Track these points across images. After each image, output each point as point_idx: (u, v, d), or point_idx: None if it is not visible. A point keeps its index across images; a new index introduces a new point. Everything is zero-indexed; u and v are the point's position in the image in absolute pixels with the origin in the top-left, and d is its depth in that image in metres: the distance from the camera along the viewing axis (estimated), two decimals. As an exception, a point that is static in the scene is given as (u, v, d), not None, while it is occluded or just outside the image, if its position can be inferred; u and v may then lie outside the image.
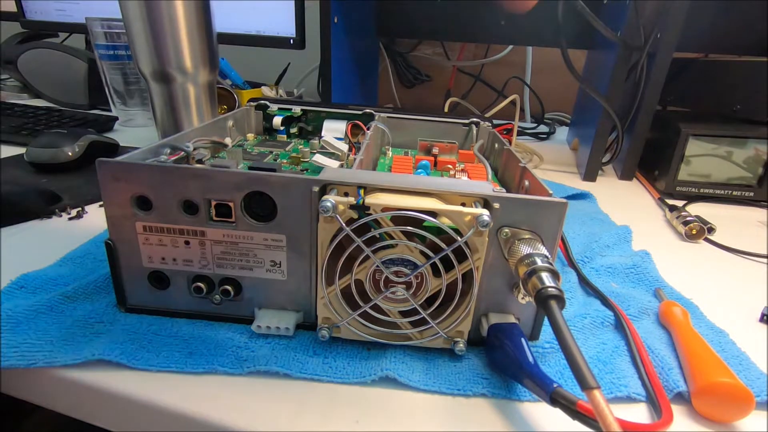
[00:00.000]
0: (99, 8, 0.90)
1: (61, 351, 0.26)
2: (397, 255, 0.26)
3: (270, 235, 0.27)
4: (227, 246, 0.27)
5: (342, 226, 0.24)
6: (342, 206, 0.24)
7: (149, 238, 0.27)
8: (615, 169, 0.72)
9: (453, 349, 0.28)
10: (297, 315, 0.29)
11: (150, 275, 0.29)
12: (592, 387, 0.19)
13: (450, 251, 0.25)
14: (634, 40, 0.60)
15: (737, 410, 0.24)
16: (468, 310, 0.27)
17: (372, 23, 0.88)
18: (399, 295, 0.26)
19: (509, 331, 0.27)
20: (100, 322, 0.29)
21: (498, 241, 0.26)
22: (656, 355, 0.29)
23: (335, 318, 0.27)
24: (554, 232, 0.26)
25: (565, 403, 0.21)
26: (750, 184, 0.59)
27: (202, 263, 0.28)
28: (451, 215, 0.25)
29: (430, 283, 0.26)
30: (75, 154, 0.54)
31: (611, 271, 0.39)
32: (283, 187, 0.26)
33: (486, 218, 0.24)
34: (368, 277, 0.26)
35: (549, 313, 0.22)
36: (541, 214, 0.26)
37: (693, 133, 0.58)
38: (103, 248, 0.38)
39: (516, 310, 0.28)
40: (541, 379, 0.22)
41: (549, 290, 0.22)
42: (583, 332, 0.31)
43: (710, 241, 0.48)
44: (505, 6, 0.80)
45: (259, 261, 0.28)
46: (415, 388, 0.26)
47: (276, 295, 0.29)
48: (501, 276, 0.27)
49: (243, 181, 0.26)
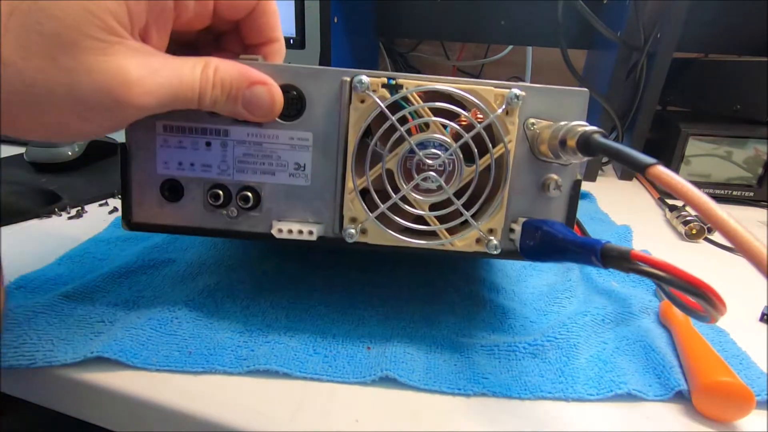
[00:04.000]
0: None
1: (61, 350, 0.26)
2: (428, 137, 0.25)
3: (296, 133, 0.26)
4: (250, 147, 0.26)
5: (377, 102, 0.25)
6: (375, 85, 0.25)
7: (168, 139, 0.26)
8: (615, 169, 0.72)
9: (486, 248, 0.27)
10: (319, 227, 0.27)
11: (163, 184, 0.27)
12: (652, 163, 0.18)
13: (482, 128, 0.25)
14: (634, 40, 0.60)
15: (737, 409, 0.24)
16: (501, 201, 0.26)
17: (372, 23, 0.88)
18: (431, 182, 0.26)
19: (544, 220, 0.26)
20: (100, 322, 0.29)
21: (525, 134, 0.26)
22: (657, 353, 0.28)
23: (362, 216, 0.26)
24: (578, 120, 0.26)
25: (618, 256, 0.20)
26: (750, 184, 0.59)
27: (221, 168, 0.27)
28: (481, 92, 0.25)
29: (463, 171, 0.26)
30: (75, 154, 0.54)
31: (612, 271, 0.39)
32: (313, 78, 0.25)
33: (516, 92, 0.25)
34: (399, 166, 0.26)
35: (596, 145, 0.21)
36: (565, 103, 0.26)
37: (693, 133, 0.58)
38: (103, 247, 0.38)
39: (546, 214, 0.28)
40: (587, 242, 0.22)
41: (588, 130, 0.22)
42: (584, 330, 0.30)
43: (710, 240, 0.48)
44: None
45: (282, 164, 0.27)
46: (416, 388, 0.26)
47: (297, 203, 0.27)
48: (529, 174, 0.27)
49: (272, 73, 0.25)
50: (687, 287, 0.19)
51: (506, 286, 0.36)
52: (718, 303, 0.19)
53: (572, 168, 0.27)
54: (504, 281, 0.37)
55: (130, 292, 0.32)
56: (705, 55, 0.77)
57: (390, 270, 0.37)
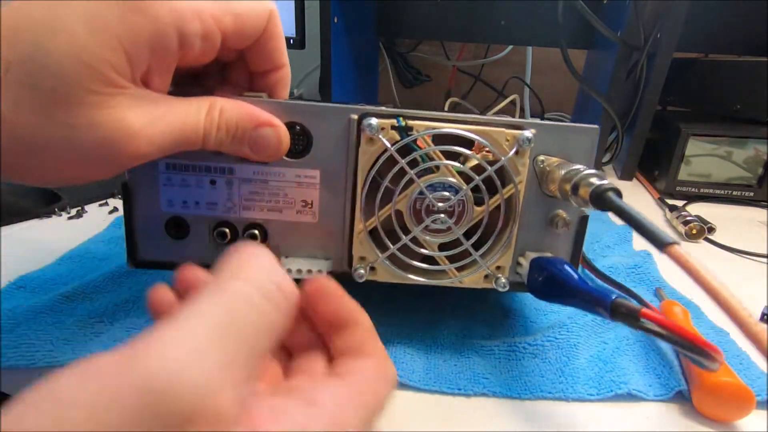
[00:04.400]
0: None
1: (61, 350, 0.26)
2: (438, 179, 0.25)
3: (303, 171, 0.26)
4: (256, 185, 0.26)
5: (386, 146, 0.24)
6: (384, 127, 0.25)
7: (172, 178, 0.26)
8: (615, 169, 0.72)
9: (495, 285, 0.27)
10: (327, 263, 0.27)
11: (168, 222, 0.27)
12: (671, 242, 0.18)
13: (492, 171, 0.25)
14: (634, 40, 0.60)
15: (738, 409, 0.24)
16: (509, 240, 0.26)
17: (372, 23, 0.88)
18: (441, 223, 0.26)
19: (552, 260, 0.26)
20: (100, 322, 0.29)
21: (534, 171, 0.26)
22: (657, 353, 0.28)
23: (372, 256, 0.26)
24: (588, 158, 0.26)
25: (627, 313, 0.20)
26: (750, 184, 0.59)
27: (227, 206, 0.26)
28: (493, 134, 0.25)
29: (472, 211, 0.26)
30: (75, 154, 0.54)
31: (612, 271, 0.39)
32: (319, 116, 0.25)
33: (527, 134, 0.25)
34: (409, 207, 0.26)
35: (610, 203, 0.21)
36: (574, 140, 0.26)
37: (693, 133, 0.58)
38: (103, 247, 0.38)
39: (552, 248, 0.28)
40: (597, 294, 0.22)
41: (603, 186, 0.22)
42: (584, 330, 0.30)
43: (710, 240, 0.48)
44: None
45: (289, 201, 0.26)
46: (416, 388, 0.26)
47: (305, 240, 0.27)
48: (537, 209, 0.27)
49: (277, 110, 0.24)
50: (694, 349, 0.20)
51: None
52: (720, 361, 0.20)
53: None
54: (504, 281, 0.37)
55: (130, 293, 0.32)
56: (705, 55, 0.77)
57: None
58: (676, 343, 0.20)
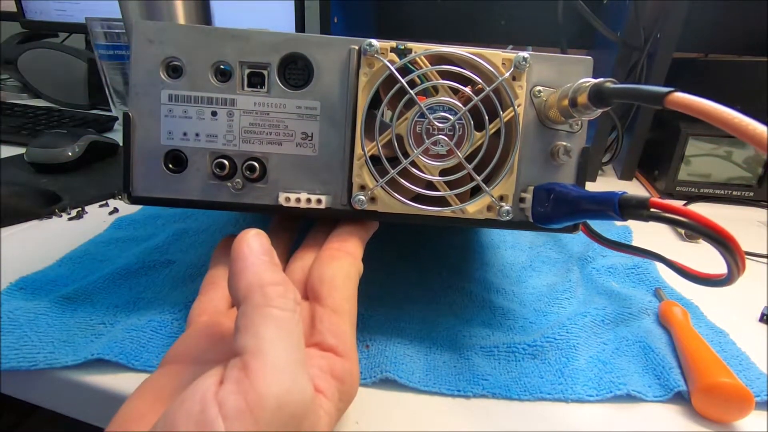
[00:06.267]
0: (99, 8, 0.89)
1: (62, 352, 0.26)
2: (438, 101, 0.25)
3: (304, 102, 0.26)
4: (257, 116, 0.26)
5: (386, 65, 0.25)
6: (384, 49, 0.25)
7: (173, 109, 0.26)
8: (615, 169, 0.72)
9: (498, 214, 0.26)
10: (327, 197, 0.27)
11: (167, 155, 0.26)
12: (669, 91, 0.18)
13: (490, 91, 0.25)
14: (634, 40, 0.60)
15: (737, 410, 0.24)
16: (511, 166, 0.26)
17: (372, 23, 0.88)
18: (441, 146, 0.26)
19: (555, 183, 0.26)
20: (100, 324, 0.29)
21: (533, 102, 0.26)
22: (656, 354, 0.29)
23: (372, 183, 0.26)
24: None
25: (637, 205, 0.19)
26: (750, 184, 0.59)
27: (227, 138, 0.26)
28: (489, 56, 0.25)
29: (472, 136, 0.26)
30: (75, 155, 0.54)
31: (612, 271, 0.39)
32: (321, 46, 0.26)
33: (524, 54, 0.25)
34: (409, 131, 0.26)
35: (609, 91, 0.21)
36: (569, 70, 0.26)
37: (693, 133, 0.58)
38: (103, 249, 0.38)
39: (555, 181, 0.27)
40: (603, 196, 0.21)
41: (598, 81, 0.22)
42: (584, 330, 0.30)
43: (710, 241, 0.48)
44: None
45: (289, 133, 0.26)
46: (416, 389, 0.26)
47: (304, 174, 0.27)
48: (537, 143, 0.27)
49: (281, 41, 0.25)
50: (708, 233, 0.18)
51: (506, 287, 0.36)
52: (738, 253, 0.18)
53: (580, 135, 0.27)
54: (503, 282, 0.37)
55: (131, 294, 0.32)
56: (705, 55, 0.77)
57: (389, 270, 0.37)
58: (692, 228, 0.18)
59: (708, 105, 0.18)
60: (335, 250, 0.26)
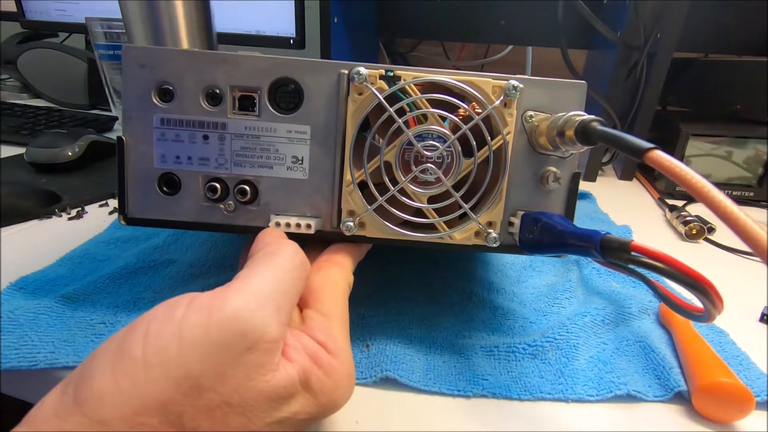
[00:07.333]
0: (99, 8, 0.89)
1: (62, 352, 0.26)
2: (427, 129, 0.25)
3: (294, 126, 0.26)
4: (248, 140, 0.26)
5: (374, 93, 0.25)
6: (373, 77, 0.25)
7: (165, 133, 0.26)
8: (615, 169, 0.72)
9: (486, 241, 0.27)
10: (317, 221, 0.27)
11: (160, 178, 0.27)
12: (649, 148, 0.18)
13: (480, 120, 0.25)
14: (634, 40, 0.60)
15: (737, 410, 0.24)
16: (500, 193, 0.26)
17: (372, 23, 0.88)
18: (430, 174, 0.26)
19: (543, 213, 0.26)
20: (101, 323, 0.29)
21: (524, 127, 0.26)
22: (656, 354, 0.29)
23: (361, 209, 0.26)
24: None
25: (618, 247, 0.20)
26: (750, 184, 0.59)
27: (219, 162, 0.27)
28: (479, 83, 0.25)
29: (461, 163, 0.26)
30: (75, 154, 0.54)
31: (612, 271, 0.39)
32: (311, 70, 0.26)
33: (514, 83, 0.25)
34: (397, 158, 0.26)
35: (595, 132, 0.21)
36: (562, 96, 0.26)
37: (693, 133, 0.58)
38: (103, 248, 0.38)
39: (545, 207, 0.27)
40: (586, 234, 0.21)
41: (586, 119, 0.22)
42: (584, 330, 0.31)
43: (710, 240, 0.48)
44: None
45: (280, 157, 0.27)
46: (416, 389, 0.26)
47: (295, 197, 0.27)
48: (528, 168, 0.27)
49: (271, 66, 0.25)
50: (686, 281, 0.18)
51: (506, 287, 0.36)
52: (716, 299, 0.18)
53: (571, 161, 0.27)
54: (504, 282, 0.37)
55: (131, 294, 0.32)
56: (705, 55, 0.77)
57: (389, 270, 0.37)
58: (670, 275, 0.19)
59: (681, 169, 0.18)
60: (323, 262, 0.26)
